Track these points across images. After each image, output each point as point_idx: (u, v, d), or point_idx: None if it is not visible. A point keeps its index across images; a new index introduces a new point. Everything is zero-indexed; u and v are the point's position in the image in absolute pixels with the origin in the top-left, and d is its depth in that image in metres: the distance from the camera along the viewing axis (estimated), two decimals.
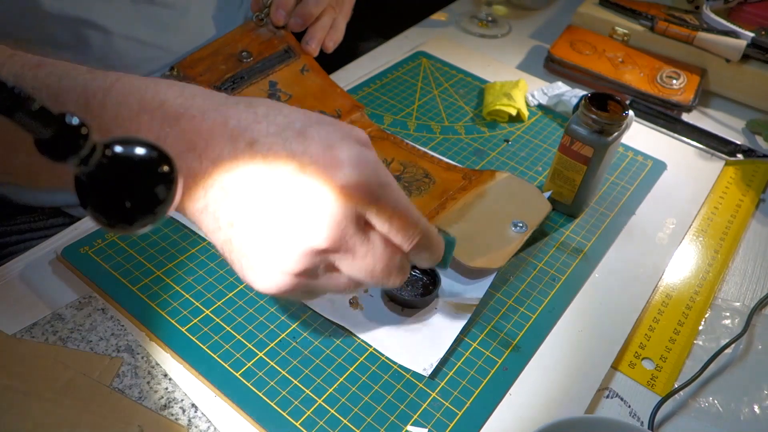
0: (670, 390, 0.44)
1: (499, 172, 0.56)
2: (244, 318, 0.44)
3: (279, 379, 0.41)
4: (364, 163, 0.31)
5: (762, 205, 0.62)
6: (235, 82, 0.57)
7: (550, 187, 0.55)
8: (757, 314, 0.50)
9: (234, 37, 0.60)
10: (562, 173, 0.54)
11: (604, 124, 0.49)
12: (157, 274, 0.46)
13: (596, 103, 0.51)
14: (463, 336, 0.45)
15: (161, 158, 0.24)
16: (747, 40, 0.72)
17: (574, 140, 0.51)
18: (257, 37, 0.60)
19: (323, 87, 0.60)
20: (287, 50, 0.61)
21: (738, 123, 0.73)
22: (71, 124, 0.21)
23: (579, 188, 0.53)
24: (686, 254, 0.55)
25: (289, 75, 0.59)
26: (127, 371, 0.41)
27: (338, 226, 0.31)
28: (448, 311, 0.46)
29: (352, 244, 0.32)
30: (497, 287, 0.49)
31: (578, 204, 0.55)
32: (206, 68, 0.57)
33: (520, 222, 0.51)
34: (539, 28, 0.90)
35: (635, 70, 0.75)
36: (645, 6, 0.82)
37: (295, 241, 0.31)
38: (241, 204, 0.32)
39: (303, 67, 0.60)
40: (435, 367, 0.42)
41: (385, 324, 0.45)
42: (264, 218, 0.31)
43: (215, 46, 0.59)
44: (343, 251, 0.32)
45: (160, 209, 0.24)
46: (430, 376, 0.42)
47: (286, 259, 0.31)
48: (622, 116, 0.50)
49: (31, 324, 0.42)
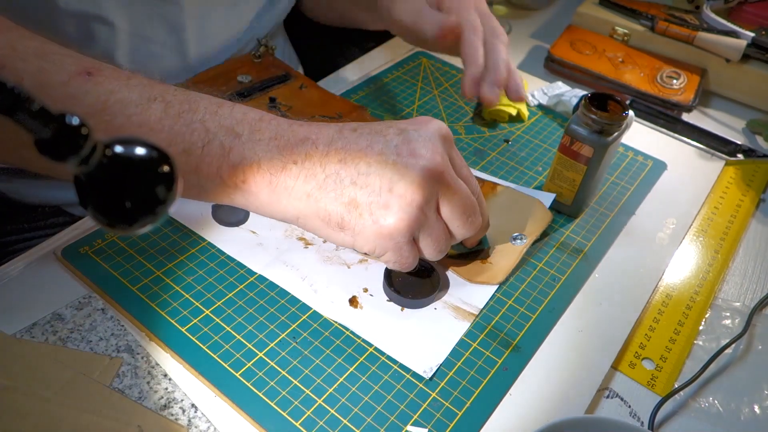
0: (670, 390, 0.44)
1: (498, 186, 0.56)
2: (244, 318, 0.44)
3: (279, 379, 0.41)
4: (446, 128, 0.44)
5: (762, 205, 0.62)
6: (236, 98, 0.59)
7: (550, 188, 0.55)
8: (757, 314, 0.50)
9: (234, 64, 0.64)
10: (562, 173, 0.54)
11: (604, 124, 0.49)
12: (157, 274, 0.46)
13: (596, 103, 0.51)
14: (462, 336, 0.45)
15: (161, 158, 0.24)
16: (747, 40, 0.72)
17: (574, 140, 0.51)
18: (255, 65, 0.64)
19: (322, 97, 0.63)
20: (285, 75, 0.64)
21: (738, 123, 0.73)
22: (71, 124, 0.21)
23: (579, 188, 0.53)
24: (686, 254, 0.55)
25: (288, 92, 0.62)
26: (126, 371, 0.41)
27: (442, 158, 0.41)
28: (448, 314, 0.46)
29: (450, 178, 0.42)
30: (497, 287, 0.49)
31: (578, 204, 0.55)
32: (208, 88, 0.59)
33: (519, 235, 0.52)
34: (539, 28, 0.90)
35: (635, 70, 0.75)
36: (645, 6, 0.82)
37: (413, 173, 0.40)
38: (357, 166, 0.41)
39: (301, 84, 0.63)
40: (435, 371, 0.42)
41: (385, 323, 0.45)
42: (381, 166, 0.41)
43: (216, 70, 0.62)
44: (446, 184, 0.41)
45: (161, 209, 0.24)
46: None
47: (410, 190, 0.40)
48: (622, 116, 0.50)
49: (31, 324, 0.42)
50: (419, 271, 0.47)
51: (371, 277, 0.48)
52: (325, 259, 0.49)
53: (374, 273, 0.48)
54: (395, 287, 0.46)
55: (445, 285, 0.48)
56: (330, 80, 0.72)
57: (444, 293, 0.48)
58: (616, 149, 0.53)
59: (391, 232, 0.41)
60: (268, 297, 0.46)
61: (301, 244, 0.50)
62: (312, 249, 0.50)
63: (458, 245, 0.49)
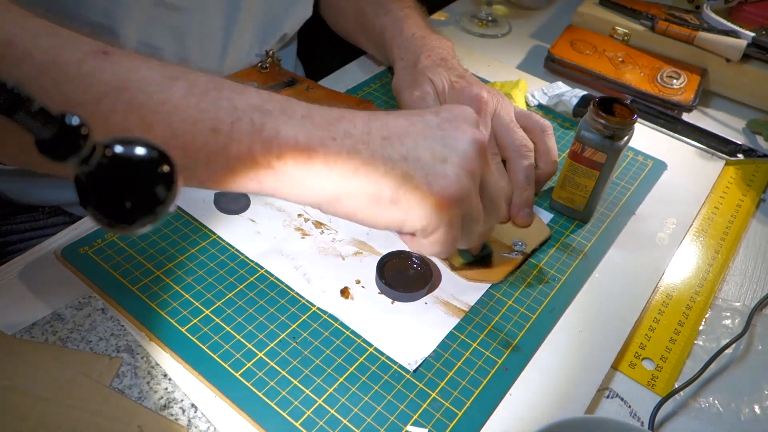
0: (670, 390, 0.44)
1: None
2: (244, 318, 0.44)
3: (279, 379, 0.41)
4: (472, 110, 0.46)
5: (762, 205, 0.62)
6: None
7: (560, 194, 0.55)
8: (757, 314, 0.50)
9: (239, 75, 0.65)
10: (573, 180, 0.53)
11: (616, 129, 0.49)
12: (157, 274, 0.46)
13: (603, 108, 0.51)
14: (462, 336, 0.45)
15: (161, 158, 0.24)
16: (747, 40, 0.72)
17: (585, 147, 0.51)
18: (262, 75, 0.66)
19: (329, 95, 0.65)
20: (292, 80, 0.66)
21: (738, 123, 0.73)
22: (71, 125, 0.21)
23: (591, 194, 0.53)
24: (686, 254, 0.55)
25: (295, 94, 0.64)
26: (126, 371, 0.41)
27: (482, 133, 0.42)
28: (439, 309, 0.47)
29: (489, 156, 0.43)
30: (497, 287, 0.49)
31: (590, 209, 0.55)
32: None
33: (519, 241, 0.52)
34: (539, 27, 0.90)
35: (635, 70, 0.75)
36: (645, 6, 0.82)
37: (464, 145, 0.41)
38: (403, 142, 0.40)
39: (307, 87, 0.65)
40: (420, 364, 0.43)
41: (375, 315, 0.46)
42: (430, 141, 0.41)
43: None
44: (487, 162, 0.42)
45: (160, 209, 0.24)
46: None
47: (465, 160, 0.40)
48: (632, 120, 0.49)
49: (31, 324, 0.42)
50: (412, 264, 0.48)
51: (365, 270, 0.49)
52: (320, 250, 0.50)
53: (368, 265, 0.49)
54: (387, 280, 0.47)
55: (436, 280, 0.49)
56: (331, 79, 0.72)
57: (435, 288, 0.48)
58: (626, 153, 0.53)
59: (450, 202, 0.40)
60: (268, 297, 0.46)
61: (299, 235, 0.51)
62: (309, 239, 0.50)
63: (465, 253, 0.50)
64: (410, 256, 0.49)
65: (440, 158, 0.40)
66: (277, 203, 0.53)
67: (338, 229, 0.52)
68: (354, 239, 0.51)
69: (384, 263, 0.48)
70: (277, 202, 0.53)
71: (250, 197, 0.53)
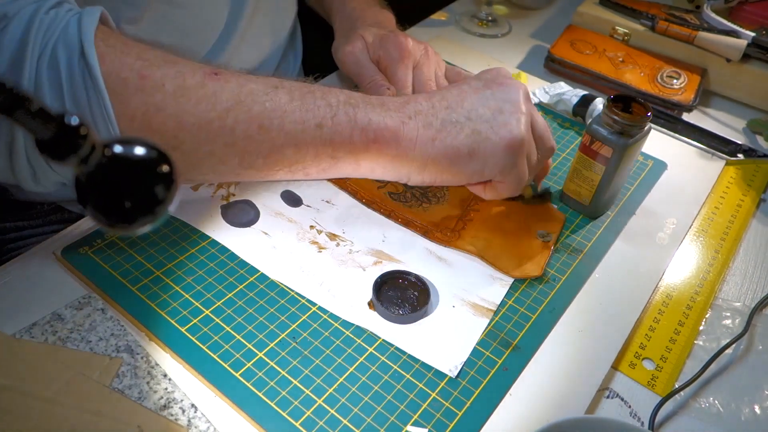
0: (670, 390, 0.44)
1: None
2: (244, 318, 0.44)
3: (279, 379, 0.41)
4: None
5: (763, 205, 0.62)
6: None
7: (569, 187, 0.56)
8: (757, 314, 0.50)
9: None
10: (581, 172, 0.54)
11: (625, 125, 0.49)
12: (157, 274, 0.46)
13: (621, 105, 0.51)
14: (483, 333, 0.45)
15: (161, 158, 0.24)
16: (748, 40, 0.72)
17: (594, 140, 0.51)
18: None
19: None
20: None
21: (739, 123, 0.73)
22: (71, 124, 0.21)
23: (597, 189, 0.53)
24: (687, 254, 0.55)
25: None
26: (126, 371, 0.41)
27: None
28: (467, 311, 0.46)
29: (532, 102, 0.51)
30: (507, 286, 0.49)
31: (596, 205, 0.55)
32: None
33: (544, 231, 0.53)
34: (539, 27, 0.90)
35: (636, 70, 0.75)
36: (645, 6, 0.82)
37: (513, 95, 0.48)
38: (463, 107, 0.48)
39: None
40: (460, 369, 0.43)
41: (404, 324, 0.45)
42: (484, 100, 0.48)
43: None
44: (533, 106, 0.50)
45: (160, 209, 0.24)
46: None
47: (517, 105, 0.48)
48: (641, 118, 0.50)
49: (31, 324, 0.42)
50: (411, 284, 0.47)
51: None
52: (339, 263, 0.49)
53: None
54: (384, 303, 0.46)
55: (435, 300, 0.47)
56: (331, 78, 0.72)
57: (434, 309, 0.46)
58: (637, 154, 0.53)
59: (516, 143, 0.47)
60: (268, 297, 0.46)
61: (315, 249, 0.50)
62: (326, 253, 0.49)
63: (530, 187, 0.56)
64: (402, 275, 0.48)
65: (497, 110, 0.48)
66: (287, 214, 0.52)
67: (353, 240, 0.51)
68: (371, 249, 0.50)
69: (380, 285, 0.47)
70: (287, 213, 0.52)
71: (258, 208, 0.52)
